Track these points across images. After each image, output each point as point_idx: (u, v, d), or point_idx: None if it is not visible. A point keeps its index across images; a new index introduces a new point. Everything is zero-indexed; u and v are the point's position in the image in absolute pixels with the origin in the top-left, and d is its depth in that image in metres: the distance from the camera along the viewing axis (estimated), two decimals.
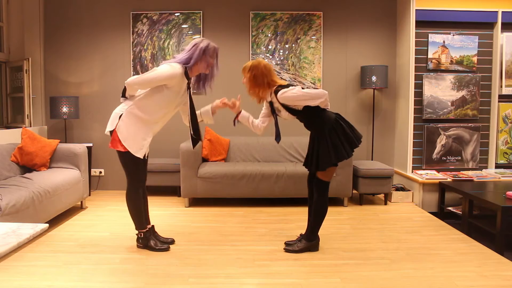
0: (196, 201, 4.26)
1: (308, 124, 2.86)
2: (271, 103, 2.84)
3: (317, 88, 4.78)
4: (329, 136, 2.73)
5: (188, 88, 2.77)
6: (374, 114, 4.78)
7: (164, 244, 2.93)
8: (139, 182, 2.86)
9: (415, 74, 4.42)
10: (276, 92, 2.72)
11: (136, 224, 2.91)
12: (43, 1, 4.69)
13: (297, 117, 2.82)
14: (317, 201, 2.88)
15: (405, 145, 4.51)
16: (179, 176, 4.10)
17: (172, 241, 3.03)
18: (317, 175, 2.85)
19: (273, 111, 2.85)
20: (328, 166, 2.75)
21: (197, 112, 2.89)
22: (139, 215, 2.90)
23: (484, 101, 4.53)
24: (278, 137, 2.87)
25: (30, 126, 4.40)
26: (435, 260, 2.74)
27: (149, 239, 2.91)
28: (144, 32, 4.72)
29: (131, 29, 4.72)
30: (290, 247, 2.90)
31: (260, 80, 2.73)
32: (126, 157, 2.74)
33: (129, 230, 3.36)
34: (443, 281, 2.41)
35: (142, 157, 2.75)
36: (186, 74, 2.71)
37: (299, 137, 4.53)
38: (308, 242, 2.89)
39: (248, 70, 2.76)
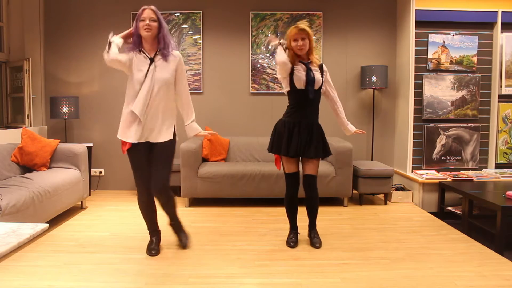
0: (196, 201, 4.26)
1: (314, 108, 2.94)
2: (307, 65, 2.84)
3: None
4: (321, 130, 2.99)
5: (151, 62, 2.64)
6: (374, 114, 4.78)
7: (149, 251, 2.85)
8: (137, 186, 2.81)
9: (415, 74, 4.42)
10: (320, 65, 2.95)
11: None
12: (43, 1, 4.69)
13: (313, 94, 2.86)
14: (317, 197, 2.98)
15: (405, 145, 4.51)
16: (179, 176, 4.10)
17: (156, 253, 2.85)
18: (310, 172, 2.91)
19: (308, 72, 2.82)
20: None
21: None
22: (144, 218, 2.90)
23: (484, 101, 4.53)
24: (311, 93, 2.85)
25: (30, 126, 4.40)
26: (435, 260, 2.74)
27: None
28: None
29: None
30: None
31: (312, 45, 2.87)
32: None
33: (129, 230, 3.37)
34: (443, 281, 2.41)
35: (132, 141, 2.64)
36: (139, 51, 2.66)
37: None
38: None
39: (309, 34, 2.80)
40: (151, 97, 2.62)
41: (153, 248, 2.84)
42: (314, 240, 3.00)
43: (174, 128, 2.78)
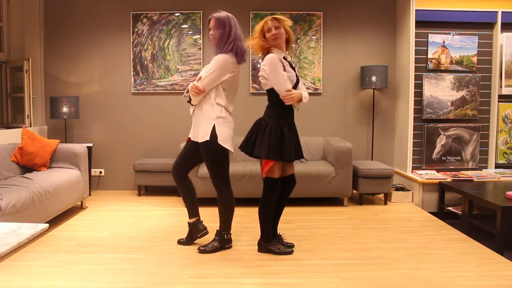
0: None
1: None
2: (291, 63, 2.85)
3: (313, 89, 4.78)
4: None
5: None
6: (374, 114, 4.78)
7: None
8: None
9: (415, 74, 4.42)
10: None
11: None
12: (43, 1, 4.69)
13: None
14: (260, 199, 2.85)
15: (405, 145, 4.51)
16: None
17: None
18: (293, 171, 2.91)
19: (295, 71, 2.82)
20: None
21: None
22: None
23: (484, 101, 4.53)
24: None
25: (30, 126, 4.40)
26: (435, 260, 2.74)
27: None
28: (144, 32, 4.72)
29: (131, 29, 4.72)
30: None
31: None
32: None
33: (129, 230, 3.37)
34: (443, 281, 2.41)
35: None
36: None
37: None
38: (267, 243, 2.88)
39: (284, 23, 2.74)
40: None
41: (183, 238, 3.05)
42: (288, 243, 2.98)
43: (214, 129, 2.70)
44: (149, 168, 4.43)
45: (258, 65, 4.72)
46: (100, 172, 4.83)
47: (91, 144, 4.43)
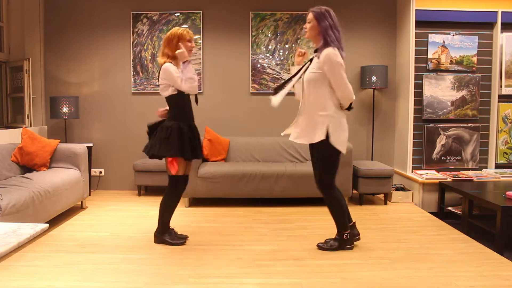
0: (196, 201, 4.26)
1: None
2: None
3: None
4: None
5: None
6: (374, 114, 4.78)
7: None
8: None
9: (415, 74, 4.42)
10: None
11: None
12: (43, 1, 4.69)
13: None
14: (164, 194, 3.06)
15: (405, 145, 4.51)
16: None
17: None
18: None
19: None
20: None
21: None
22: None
23: (484, 101, 4.53)
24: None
25: (30, 126, 4.40)
26: (435, 260, 2.74)
27: None
28: (144, 32, 4.72)
29: (131, 29, 4.72)
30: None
31: None
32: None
33: (129, 230, 3.37)
34: (443, 281, 2.41)
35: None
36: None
37: None
38: None
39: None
40: None
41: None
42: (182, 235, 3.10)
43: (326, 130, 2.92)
44: (149, 168, 4.43)
45: (258, 65, 4.72)
46: (100, 172, 4.84)
47: (91, 144, 4.44)
